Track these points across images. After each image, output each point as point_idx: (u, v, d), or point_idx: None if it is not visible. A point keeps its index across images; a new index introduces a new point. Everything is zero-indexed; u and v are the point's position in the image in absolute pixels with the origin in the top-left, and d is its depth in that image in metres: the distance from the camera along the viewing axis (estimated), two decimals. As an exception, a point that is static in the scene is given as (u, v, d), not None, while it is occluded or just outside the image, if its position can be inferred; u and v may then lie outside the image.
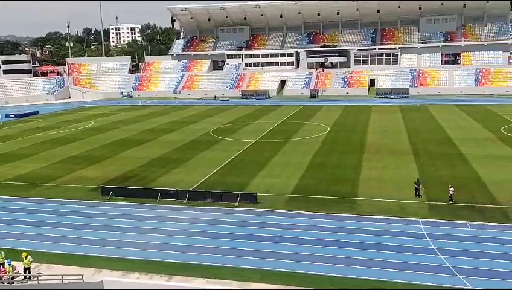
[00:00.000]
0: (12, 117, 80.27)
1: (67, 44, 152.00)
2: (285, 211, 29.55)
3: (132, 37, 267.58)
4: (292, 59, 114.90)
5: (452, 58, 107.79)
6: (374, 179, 35.82)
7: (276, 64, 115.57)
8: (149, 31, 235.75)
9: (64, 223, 29.07)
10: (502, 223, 26.23)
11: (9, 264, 21.52)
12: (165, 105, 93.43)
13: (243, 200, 31.08)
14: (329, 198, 31.60)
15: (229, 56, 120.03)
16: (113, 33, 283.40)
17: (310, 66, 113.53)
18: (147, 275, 21.75)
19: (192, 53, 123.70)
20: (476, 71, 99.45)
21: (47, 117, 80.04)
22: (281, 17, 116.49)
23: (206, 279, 21.18)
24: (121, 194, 33.40)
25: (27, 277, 21.83)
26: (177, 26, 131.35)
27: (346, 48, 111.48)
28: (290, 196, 32.40)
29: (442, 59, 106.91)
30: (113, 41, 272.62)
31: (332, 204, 30.35)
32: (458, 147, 45.85)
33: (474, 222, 26.60)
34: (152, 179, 37.97)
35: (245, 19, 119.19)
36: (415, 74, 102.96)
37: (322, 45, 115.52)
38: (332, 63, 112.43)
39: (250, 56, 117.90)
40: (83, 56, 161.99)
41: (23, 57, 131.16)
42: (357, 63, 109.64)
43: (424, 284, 20.11)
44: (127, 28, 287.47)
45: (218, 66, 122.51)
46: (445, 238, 24.51)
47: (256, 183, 35.57)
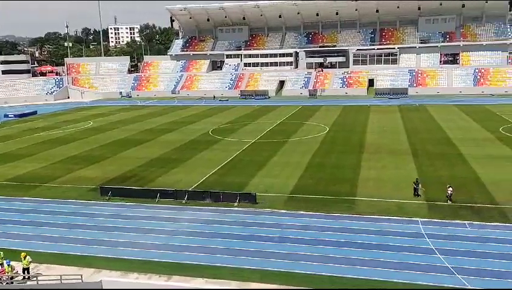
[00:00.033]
0: (11, 117, 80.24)
1: (66, 44, 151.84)
2: (284, 211, 29.54)
3: (131, 37, 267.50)
4: (291, 59, 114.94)
5: (451, 58, 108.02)
6: (372, 179, 35.83)
7: (275, 64, 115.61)
8: (148, 31, 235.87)
9: (62, 223, 29.03)
10: (501, 223, 26.24)
11: (8, 265, 21.49)
12: (164, 105, 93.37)
13: (242, 200, 31.06)
14: (328, 198, 31.59)
15: (228, 56, 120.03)
16: (112, 33, 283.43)
17: (309, 66, 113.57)
18: (146, 275, 21.74)
19: (191, 53, 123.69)
20: (475, 71, 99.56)
21: (46, 117, 79.97)
22: (280, 17, 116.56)
23: (205, 279, 21.18)
24: (119, 194, 33.37)
25: (26, 277, 21.81)
26: (176, 26, 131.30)
27: (345, 48, 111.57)
28: (289, 196, 32.39)
29: (441, 59, 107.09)
30: (112, 42, 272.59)
31: (331, 204, 30.35)
32: (457, 147, 45.89)
33: (473, 221, 26.62)
34: (151, 179, 37.95)
35: (244, 19, 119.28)
36: (414, 74, 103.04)
37: (321, 45, 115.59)
38: (331, 63, 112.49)
39: (249, 56, 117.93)
40: (82, 56, 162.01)
41: (22, 57, 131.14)
42: (356, 63, 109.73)
43: (423, 284, 20.11)
44: (126, 28, 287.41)
45: (217, 66, 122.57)
46: (444, 238, 24.53)
47: (255, 183, 35.56)
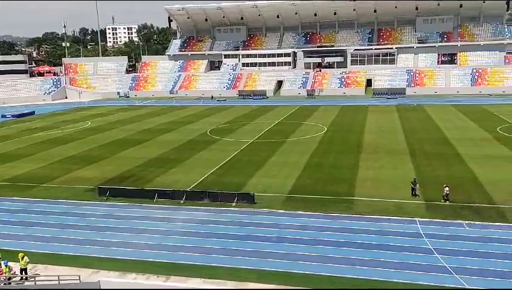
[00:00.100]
0: (9, 117, 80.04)
1: (63, 44, 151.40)
2: (282, 211, 29.56)
3: (129, 37, 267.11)
4: (289, 59, 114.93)
5: (448, 58, 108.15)
6: (370, 179, 35.88)
7: (273, 64, 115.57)
8: (146, 31, 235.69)
9: (60, 223, 28.96)
10: (499, 223, 26.31)
11: (6, 265, 21.45)
12: (162, 105, 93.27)
13: (240, 200, 31.06)
14: (326, 198, 31.61)
15: (226, 56, 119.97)
16: (109, 33, 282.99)
17: (307, 66, 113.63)
18: (144, 276, 21.71)
19: (189, 53, 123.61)
20: (473, 71, 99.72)
21: (44, 117, 79.78)
22: (277, 17, 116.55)
23: (202, 279, 21.17)
24: (117, 194, 33.33)
25: (24, 277, 21.78)
26: (174, 26, 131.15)
27: (343, 48, 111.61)
28: (287, 196, 32.41)
29: (438, 59, 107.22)
30: (110, 42, 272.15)
31: (329, 204, 30.38)
32: (455, 146, 45.97)
33: (471, 221, 26.69)
34: (149, 179, 37.93)
35: (242, 19, 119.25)
36: (412, 74, 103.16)
37: (319, 45, 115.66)
38: (329, 63, 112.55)
39: (247, 56, 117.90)
40: (80, 56, 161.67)
41: (20, 57, 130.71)
42: (353, 63, 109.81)
43: (422, 284, 20.14)
44: (124, 28, 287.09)
45: (215, 66, 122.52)
46: (442, 238, 24.58)
47: (253, 183, 35.57)
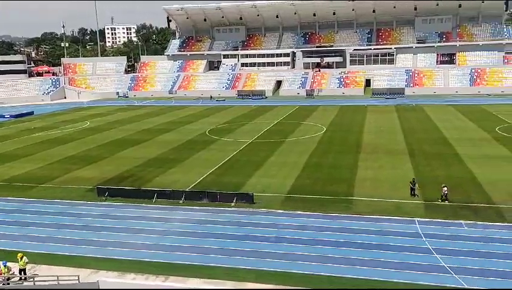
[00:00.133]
0: (7, 117, 79.91)
1: (62, 44, 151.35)
2: (281, 211, 29.57)
3: (128, 37, 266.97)
4: (288, 59, 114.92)
5: (447, 58, 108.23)
6: (369, 179, 35.90)
7: (272, 64, 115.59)
8: (145, 31, 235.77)
9: (57, 223, 28.96)
10: (498, 223, 26.34)
11: (5, 265, 21.43)
12: (161, 105, 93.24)
13: (239, 200, 31.06)
14: (325, 198, 31.62)
15: (225, 56, 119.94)
16: (108, 33, 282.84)
17: (306, 66, 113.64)
18: (143, 276, 21.70)
19: (188, 53, 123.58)
20: (471, 71, 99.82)
21: (43, 117, 79.67)
22: (277, 17, 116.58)
23: (202, 279, 21.15)
24: (116, 194, 33.32)
25: (23, 278, 21.77)
26: (173, 26, 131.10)
27: (342, 48, 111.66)
28: (287, 196, 32.42)
29: (437, 59, 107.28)
30: (109, 42, 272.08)
31: (328, 204, 30.39)
32: (454, 146, 46.01)
33: (469, 221, 26.72)
34: (148, 179, 37.92)
35: (241, 19, 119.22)
36: (411, 74, 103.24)
37: (318, 45, 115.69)
38: (328, 63, 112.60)
39: (246, 56, 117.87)
40: (79, 56, 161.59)
41: (19, 57, 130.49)
42: (353, 63, 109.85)
43: (421, 283, 20.15)
44: (123, 28, 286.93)
45: (214, 66, 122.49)
46: (441, 238, 24.60)
47: (252, 184, 35.57)
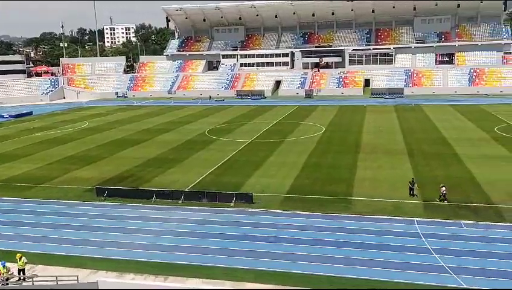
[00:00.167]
0: (6, 118, 79.80)
1: (61, 44, 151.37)
2: (280, 211, 29.57)
3: (127, 37, 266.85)
4: (287, 59, 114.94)
5: (446, 58, 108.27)
6: (368, 179, 35.90)
7: (271, 64, 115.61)
8: (144, 31, 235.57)
9: (54, 223, 28.93)
10: (497, 223, 26.36)
11: (4, 266, 21.40)
12: (160, 105, 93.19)
13: (238, 200, 31.05)
14: (324, 198, 31.62)
15: (224, 56, 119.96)
16: (107, 33, 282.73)
17: (305, 66, 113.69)
18: (142, 276, 21.68)
19: (187, 53, 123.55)
20: (470, 71, 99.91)
21: (42, 117, 79.61)
22: (276, 17, 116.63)
23: (201, 279, 21.13)
24: (115, 194, 33.28)
25: (21, 278, 21.74)
26: (172, 26, 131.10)
27: (341, 48, 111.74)
28: (286, 196, 32.42)
29: (436, 59, 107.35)
30: (108, 42, 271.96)
31: (327, 204, 30.39)
32: (453, 146, 46.04)
33: (468, 221, 26.73)
34: (148, 179, 37.89)
35: (240, 19, 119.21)
36: (410, 74, 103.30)
37: (317, 45, 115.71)
38: (327, 63, 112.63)
39: (245, 56, 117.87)
40: (78, 56, 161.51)
41: (17, 57, 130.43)
42: (352, 63, 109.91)
43: (420, 283, 20.16)
44: (122, 28, 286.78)
45: (213, 66, 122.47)
46: (440, 238, 24.61)
47: (251, 184, 35.56)
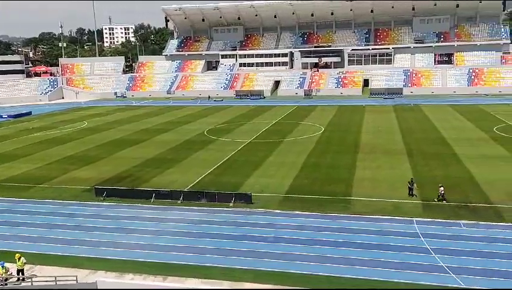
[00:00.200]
0: (5, 118, 79.69)
1: (60, 44, 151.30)
2: (279, 211, 29.55)
3: (126, 37, 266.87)
4: (286, 59, 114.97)
5: (445, 58, 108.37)
6: (368, 179, 35.90)
7: (270, 64, 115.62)
8: (143, 31, 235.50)
9: (55, 224, 28.90)
10: (496, 223, 26.37)
11: (2, 266, 21.36)
12: (159, 105, 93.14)
13: (238, 201, 31.03)
14: (323, 198, 31.61)
15: (223, 56, 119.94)
16: (106, 33, 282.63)
17: (304, 66, 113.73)
18: (141, 276, 21.65)
19: (186, 53, 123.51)
20: (469, 71, 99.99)
21: (42, 117, 79.49)
22: (275, 17, 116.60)
23: (200, 279, 21.12)
24: (114, 194, 33.25)
25: (20, 278, 21.71)
26: (171, 26, 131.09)
27: (340, 48, 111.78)
28: (285, 196, 32.40)
29: (435, 59, 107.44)
30: (107, 42, 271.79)
31: (327, 204, 30.38)
32: (452, 146, 46.06)
33: (467, 221, 26.74)
34: (146, 180, 37.85)
35: (239, 19, 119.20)
36: (409, 74, 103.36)
37: (316, 45, 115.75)
38: (326, 63, 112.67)
39: (245, 56, 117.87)
40: (76, 56, 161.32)
41: (16, 57, 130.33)
42: (351, 63, 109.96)
43: (419, 283, 20.15)
44: (121, 28, 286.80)
45: (212, 66, 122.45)
46: (439, 238, 24.61)
47: (250, 184, 35.55)
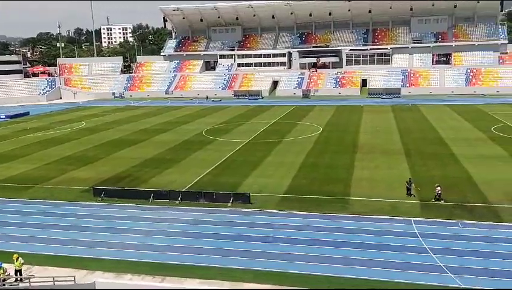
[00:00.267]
0: (3, 118, 79.50)
1: (58, 44, 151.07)
2: (277, 211, 29.56)
3: (124, 37, 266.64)
4: (284, 59, 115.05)
5: (443, 59, 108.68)
6: (366, 179, 35.95)
7: (268, 64, 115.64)
8: (141, 31, 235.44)
9: (55, 224, 28.85)
10: (493, 223, 26.42)
11: (0, 267, 21.33)
12: (157, 105, 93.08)
13: (236, 201, 31.04)
14: (322, 198, 31.64)
15: (222, 56, 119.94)
16: (104, 33, 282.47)
17: (302, 66, 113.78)
18: (140, 276, 21.64)
19: (184, 53, 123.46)
20: (467, 71, 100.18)
21: (40, 118, 79.38)
22: (273, 17, 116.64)
23: (199, 280, 21.11)
24: (113, 195, 33.21)
25: (18, 279, 21.68)
26: (169, 26, 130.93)
27: (338, 48, 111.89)
28: (283, 196, 32.41)
29: (433, 59, 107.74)
30: (105, 42, 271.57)
31: (325, 204, 30.41)
32: (449, 146, 46.15)
33: (465, 221, 26.79)
34: (145, 180, 37.83)
35: (237, 19, 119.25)
36: (407, 74, 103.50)
37: (314, 45, 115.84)
38: (324, 63, 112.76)
39: (243, 56, 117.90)
40: (74, 56, 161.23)
41: (14, 57, 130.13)
42: (349, 63, 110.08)
43: (417, 283, 20.18)
44: (119, 28, 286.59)
45: (210, 66, 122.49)
46: (436, 237, 24.65)
47: (249, 184, 35.56)
